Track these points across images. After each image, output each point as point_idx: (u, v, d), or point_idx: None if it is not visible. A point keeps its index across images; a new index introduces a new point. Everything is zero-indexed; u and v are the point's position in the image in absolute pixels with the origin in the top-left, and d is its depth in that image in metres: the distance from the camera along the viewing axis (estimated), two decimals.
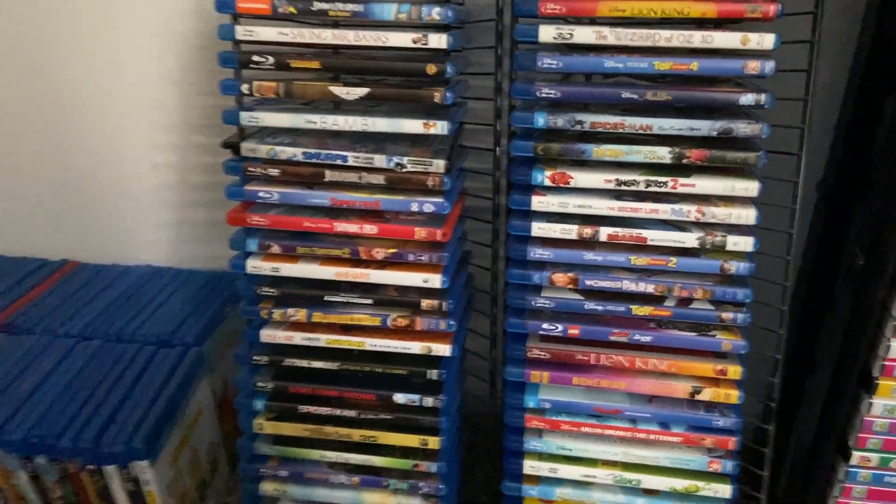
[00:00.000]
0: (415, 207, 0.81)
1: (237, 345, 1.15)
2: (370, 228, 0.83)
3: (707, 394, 0.82)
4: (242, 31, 0.78)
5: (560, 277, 0.81)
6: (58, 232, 1.29)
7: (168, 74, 1.13)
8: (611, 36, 0.73)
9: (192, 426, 1.04)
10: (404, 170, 0.80)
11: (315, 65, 0.80)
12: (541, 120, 0.77)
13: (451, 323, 0.84)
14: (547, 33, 0.74)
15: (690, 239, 0.77)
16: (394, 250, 0.83)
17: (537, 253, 0.81)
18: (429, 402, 0.87)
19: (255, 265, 0.85)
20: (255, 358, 0.89)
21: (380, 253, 0.83)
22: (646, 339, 0.81)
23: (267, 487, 0.93)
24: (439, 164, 0.80)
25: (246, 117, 0.81)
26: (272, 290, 0.87)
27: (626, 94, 0.75)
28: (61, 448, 0.90)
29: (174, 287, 1.22)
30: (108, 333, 1.09)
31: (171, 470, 0.97)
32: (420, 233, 0.82)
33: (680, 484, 0.85)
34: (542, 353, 0.84)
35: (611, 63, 0.74)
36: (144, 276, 1.25)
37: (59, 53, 1.14)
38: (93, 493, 0.94)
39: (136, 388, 0.99)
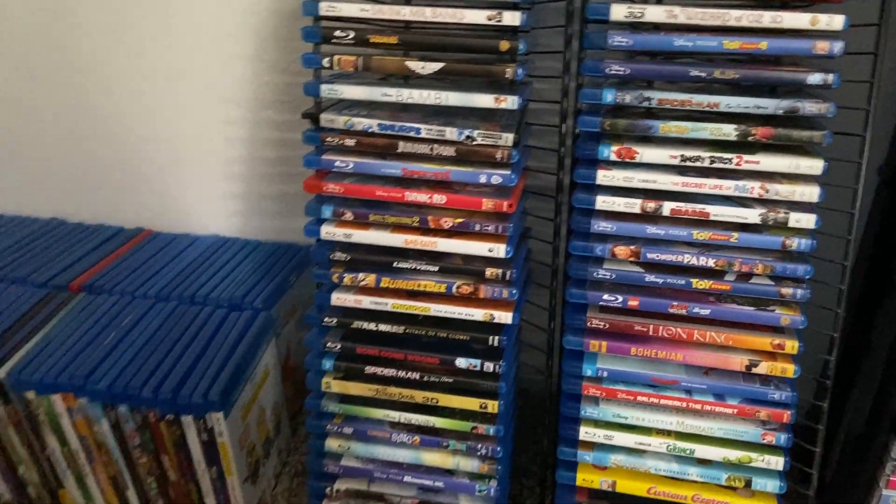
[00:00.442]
0: (483, 179, 0.85)
1: (300, 312, 1.20)
2: (439, 198, 0.86)
3: (763, 367, 0.84)
4: (326, 7, 0.83)
5: (622, 250, 0.84)
6: (134, 202, 1.36)
7: (242, 52, 1.19)
8: (681, 15, 0.75)
9: (261, 385, 1.10)
10: (474, 143, 0.84)
11: (393, 40, 0.84)
12: (609, 96, 0.80)
13: (514, 291, 0.88)
14: (618, 12, 0.77)
15: (753, 215, 0.79)
16: (461, 220, 0.87)
17: (600, 226, 0.84)
18: (489, 367, 0.91)
19: (329, 231, 0.90)
20: (325, 320, 0.93)
21: (447, 222, 0.87)
22: (704, 312, 0.84)
23: (332, 443, 0.98)
24: (508, 138, 0.83)
25: (326, 90, 0.86)
26: (343, 256, 0.91)
27: (694, 72, 0.77)
28: (142, 398, 0.96)
29: (242, 256, 1.28)
30: (182, 296, 1.16)
31: (241, 425, 1.03)
32: (487, 204, 0.85)
33: (733, 455, 0.87)
34: (602, 324, 0.87)
35: (680, 42, 0.76)
36: (214, 245, 1.31)
37: (135, 29, 1.20)
38: (169, 442, 1.00)
39: (210, 347, 1.05)
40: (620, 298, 0.85)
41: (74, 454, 1.05)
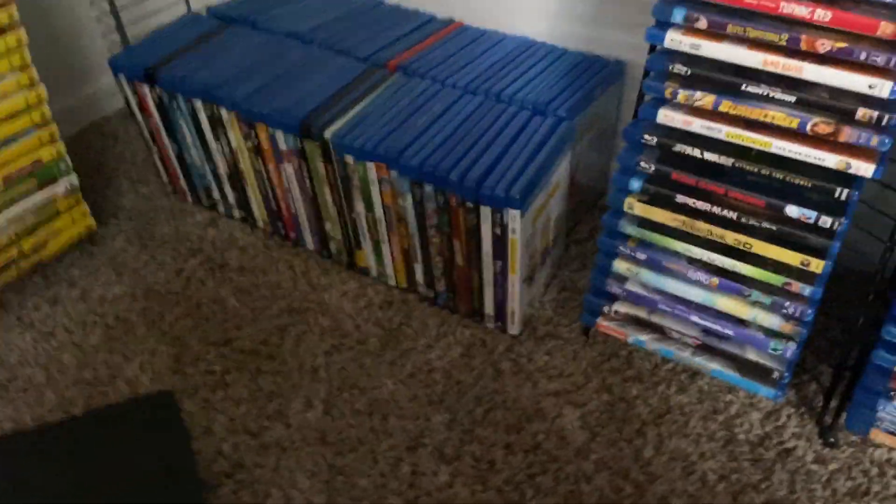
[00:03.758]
0: None
1: (594, 130, 1.14)
2: (822, 14, 0.72)
3: None
4: None
5: None
6: None
7: None
8: None
9: (551, 194, 1.09)
10: None
11: None
12: None
13: (886, 141, 0.74)
14: None
15: None
16: (843, 45, 0.73)
17: None
18: (826, 222, 0.80)
19: (674, 38, 0.81)
20: (645, 137, 0.87)
21: (824, 45, 0.73)
22: None
23: (620, 265, 0.96)
24: None
25: None
26: (684, 69, 0.82)
27: None
28: (448, 181, 1.00)
29: (548, 62, 1.23)
30: (488, 92, 1.15)
31: (530, 227, 1.04)
32: (885, 28, 0.70)
33: None
34: None
35: None
36: (521, 46, 1.27)
37: None
38: (463, 228, 1.04)
39: (513, 146, 1.05)
40: None
41: (377, 221, 1.14)
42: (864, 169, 0.76)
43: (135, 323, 1.17)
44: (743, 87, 0.80)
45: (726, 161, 0.84)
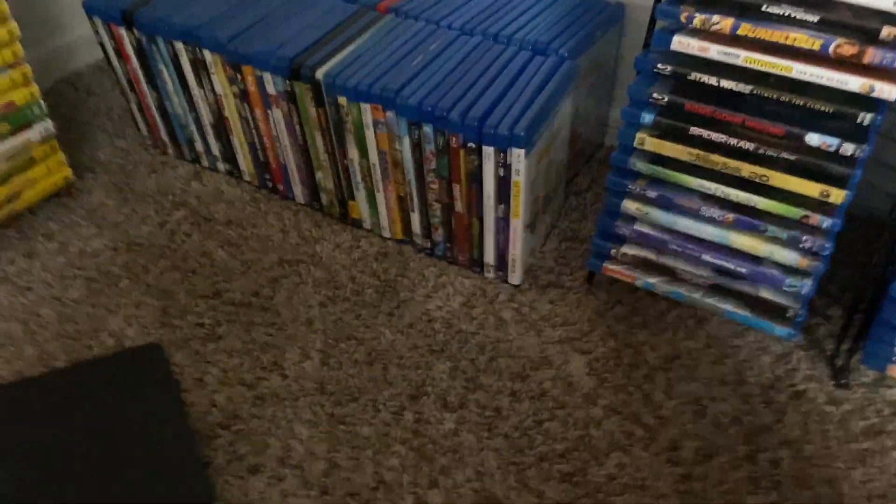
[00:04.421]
0: None
1: (593, 76, 1.10)
2: None
3: None
4: None
5: None
6: None
7: None
8: None
9: (554, 137, 1.05)
10: None
11: None
12: None
13: None
14: None
15: None
16: None
17: None
18: (848, 149, 0.77)
19: None
20: (658, 66, 0.83)
21: None
22: None
23: (629, 205, 0.93)
24: None
25: None
26: None
27: None
28: (449, 120, 0.95)
29: (547, 2, 1.18)
30: (486, 33, 1.11)
31: (534, 169, 1.00)
32: None
33: None
34: None
35: None
36: None
37: None
38: (464, 170, 1.00)
39: (514, 86, 1.00)
40: None
41: (371, 168, 1.10)
42: (888, 91, 0.73)
43: (118, 276, 1.11)
44: (763, 8, 0.76)
45: (744, 88, 0.80)
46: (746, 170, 0.83)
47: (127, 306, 1.06)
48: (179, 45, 1.14)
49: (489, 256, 1.09)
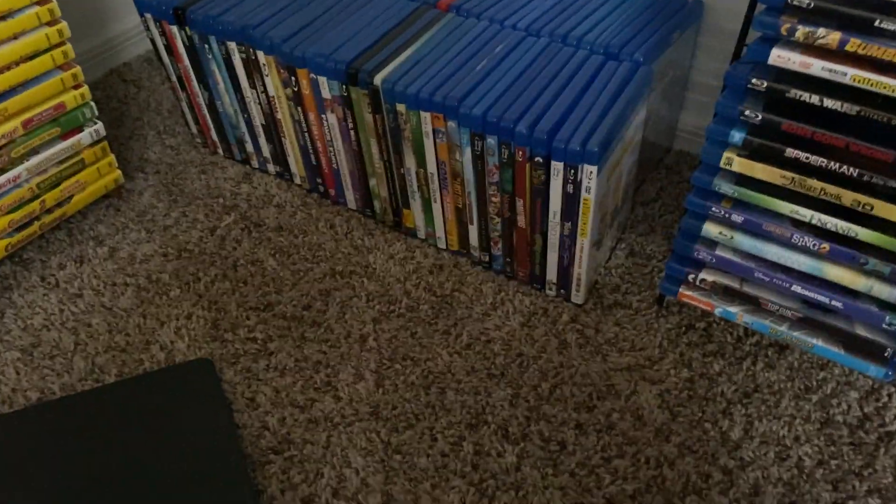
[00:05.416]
0: None
1: (667, 79, 1.03)
2: None
3: None
4: None
5: None
6: None
7: None
8: None
9: (626, 149, 0.99)
10: None
11: None
12: None
13: None
14: None
15: None
16: None
17: None
18: None
19: None
20: (753, 81, 0.76)
21: None
22: None
23: (712, 229, 0.86)
24: None
25: None
26: (806, 1, 0.71)
27: None
28: (516, 133, 0.89)
29: (618, 0, 1.11)
30: (553, 34, 1.04)
31: (605, 185, 0.94)
32: None
33: None
34: None
35: None
36: None
37: None
38: (528, 185, 0.94)
39: (586, 94, 0.94)
40: None
41: (429, 177, 1.04)
42: None
43: (168, 285, 1.08)
44: (876, 23, 0.68)
45: (850, 109, 0.73)
46: (848, 197, 0.76)
47: (178, 317, 1.03)
48: (232, 45, 1.10)
49: (551, 274, 1.03)
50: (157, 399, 0.91)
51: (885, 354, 0.82)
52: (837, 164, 0.75)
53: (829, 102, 0.74)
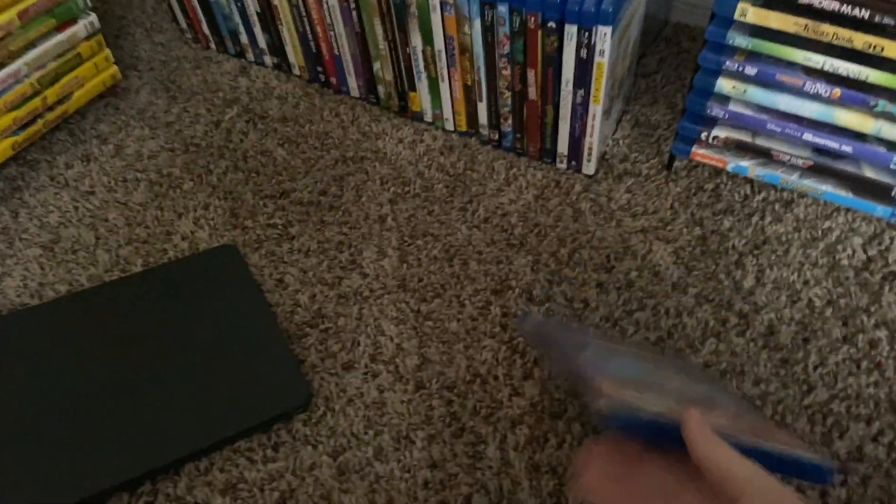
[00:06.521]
0: None
1: None
2: None
3: None
4: None
5: None
6: None
7: None
8: None
9: (633, 14, 0.99)
10: None
11: None
12: None
13: None
14: None
15: None
16: None
17: None
18: None
19: None
20: None
21: None
22: None
23: (725, 83, 0.88)
24: None
25: None
26: None
27: None
28: None
29: None
30: None
31: (617, 49, 0.94)
32: None
33: None
34: None
35: None
36: None
37: None
38: (541, 53, 0.94)
39: None
40: None
41: (436, 55, 1.04)
42: None
43: (180, 178, 1.08)
44: None
45: None
46: (860, 40, 0.78)
47: (195, 208, 1.03)
48: None
49: (562, 146, 1.05)
50: (189, 284, 0.92)
51: (893, 194, 0.86)
52: (851, 7, 0.77)
53: None
